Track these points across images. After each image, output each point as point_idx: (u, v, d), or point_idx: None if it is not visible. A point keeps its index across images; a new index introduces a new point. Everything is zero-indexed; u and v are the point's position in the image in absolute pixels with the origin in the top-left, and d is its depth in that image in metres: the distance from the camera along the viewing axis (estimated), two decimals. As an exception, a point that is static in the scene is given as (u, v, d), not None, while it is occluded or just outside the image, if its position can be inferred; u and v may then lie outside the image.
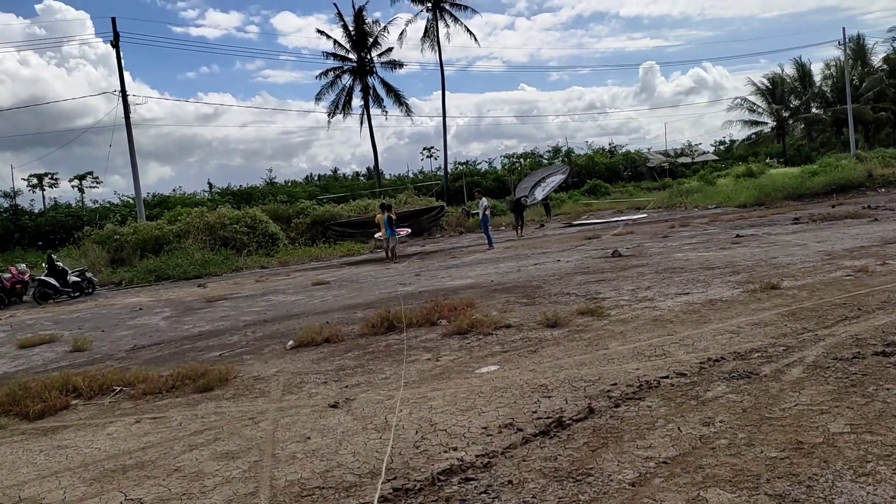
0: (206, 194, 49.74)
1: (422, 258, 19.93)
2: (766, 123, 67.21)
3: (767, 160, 56.66)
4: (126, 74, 36.28)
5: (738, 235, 14.79)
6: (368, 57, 49.59)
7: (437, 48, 51.27)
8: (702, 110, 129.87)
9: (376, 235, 21.79)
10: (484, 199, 20.93)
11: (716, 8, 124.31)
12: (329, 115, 51.27)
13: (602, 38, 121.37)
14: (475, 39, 52.32)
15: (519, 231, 24.23)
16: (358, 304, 11.28)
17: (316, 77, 50.67)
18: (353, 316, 9.92)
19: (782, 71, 68.85)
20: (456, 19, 51.26)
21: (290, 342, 8.06)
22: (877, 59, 67.94)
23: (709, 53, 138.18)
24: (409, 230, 22.38)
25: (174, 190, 49.55)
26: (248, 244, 25.94)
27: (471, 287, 11.73)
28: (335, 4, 49.77)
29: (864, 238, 12.16)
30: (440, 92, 50.40)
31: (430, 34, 51.57)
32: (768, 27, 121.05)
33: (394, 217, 19.70)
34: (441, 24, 51.30)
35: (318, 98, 50.41)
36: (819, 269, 9.26)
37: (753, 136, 67.62)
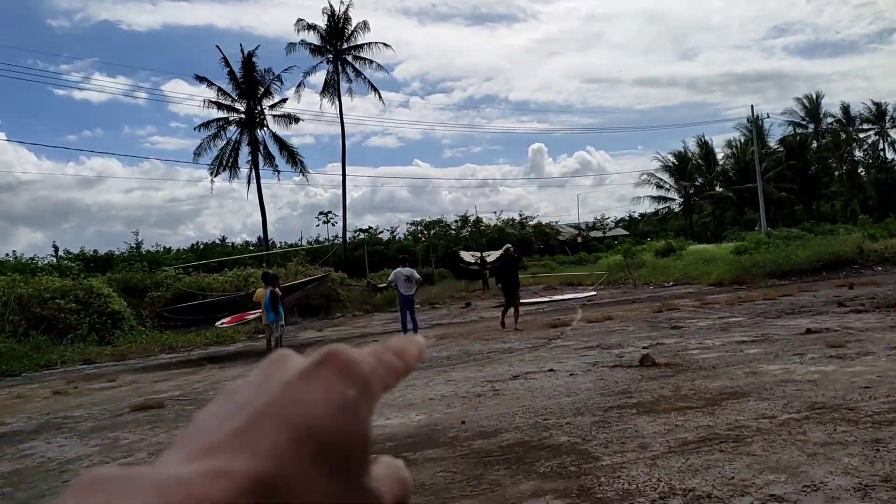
0: (52, 259, 41.07)
1: (320, 353, 13.83)
2: (674, 200, 66.15)
3: (687, 238, 54.48)
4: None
5: (809, 331, 9.81)
6: (258, 108, 43.67)
7: (337, 103, 46.21)
8: (586, 191, 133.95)
9: (220, 322, 15.58)
10: (407, 268, 15.14)
11: (596, 98, 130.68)
12: (211, 174, 44.42)
13: (493, 120, 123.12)
14: (379, 96, 47.44)
15: (516, 320, 14.45)
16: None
17: (195, 129, 43.74)
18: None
19: (685, 149, 68.59)
20: (359, 73, 46.63)
21: None
22: (772, 141, 69.11)
23: (591, 138, 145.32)
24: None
25: (7, 254, 40.12)
26: (77, 326, 18.85)
27: (426, 438, 5.93)
28: (218, 47, 43.59)
29: None
30: (335, 164, 45.16)
31: (331, 88, 46.56)
32: (643, 117, 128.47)
33: (279, 293, 13.61)
34: (343, 79, 46.49)
35: (197, 153, 43.32)
36: None
37: (662, 211, 66.26)
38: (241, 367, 12.61)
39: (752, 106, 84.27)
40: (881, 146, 70.52)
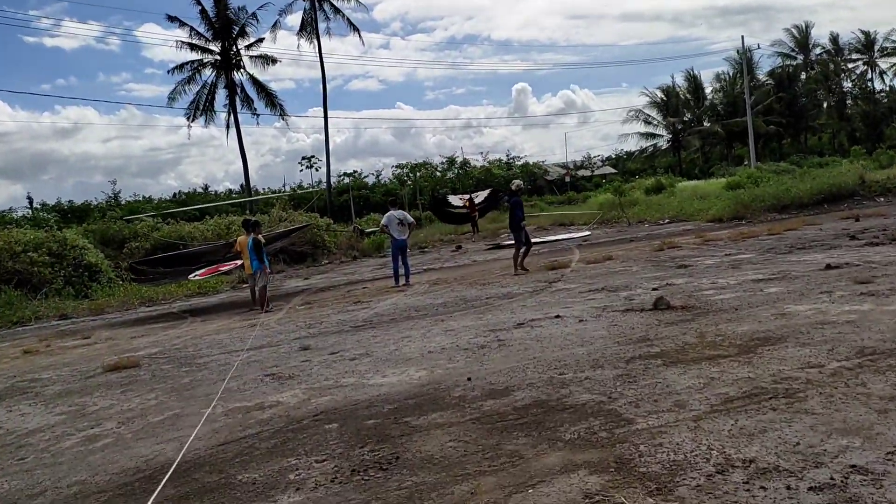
0: (27, 211, 39.79)
1: (308, 302, 13.18)
2: (662, 136, 65.13)
3: (675, 175, 53.69)
4: None
5: (829, 266, 9.22)
6: (234, 48, 41.86)
7: (316, 43, 44.36)
8: (572, 130, 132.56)
9: (194, 275, 14.49)
10: (399, 210, 14.35)
11: (580, 34, 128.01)
12: (188, 118, 42.86)
13: (475, 60, 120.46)
14: (359, 35, 45.73)
15: (515, 263, 13.47)
16: (157, 464, 4.52)
17: (169, 72, 42.07)
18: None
19: (673, 83, 67.18)
20: (337, 10, 44.63)
21: None
22: (761, 74, 67.54)
23: (575, 76, 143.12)
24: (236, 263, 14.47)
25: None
26: (51, 280, 18.00)
27: (430, 399, 5.28)
28: (189, -16, 41.37)
29: None
30: (317, 108, 43.95)
31: (308, 27, 44.62)
32: (627, 53, 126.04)
33: (262, 240, 12.83)
34: (321, 17, 44.47)
35: (171, 97, 41.68)
36: None
37: (650, 148, 65.32)
38: (224, 320, 11.92)
39: (742, 36, 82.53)
40: (869, 76, 69.36)
